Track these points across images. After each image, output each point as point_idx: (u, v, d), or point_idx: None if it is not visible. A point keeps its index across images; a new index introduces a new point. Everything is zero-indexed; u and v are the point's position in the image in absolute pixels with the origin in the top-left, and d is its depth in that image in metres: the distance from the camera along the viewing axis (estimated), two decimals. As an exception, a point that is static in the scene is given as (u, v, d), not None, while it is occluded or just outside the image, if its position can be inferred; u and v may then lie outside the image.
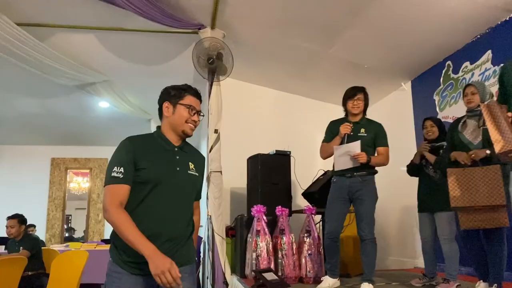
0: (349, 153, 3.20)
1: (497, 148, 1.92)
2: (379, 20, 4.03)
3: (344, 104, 3.46)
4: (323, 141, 3.55)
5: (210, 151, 4.63)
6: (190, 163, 1.91)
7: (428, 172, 3.46)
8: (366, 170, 3.25)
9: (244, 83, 5.88)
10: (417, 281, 3.55)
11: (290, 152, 4.69)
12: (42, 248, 4.97)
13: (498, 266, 2.72)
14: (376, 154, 3.37)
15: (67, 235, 9.14)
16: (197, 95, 1.95)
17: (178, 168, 1.85)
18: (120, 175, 1.73)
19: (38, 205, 8.56)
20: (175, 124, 1.89)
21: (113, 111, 6.71)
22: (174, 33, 4.67)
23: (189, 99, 1.91)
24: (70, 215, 11.00)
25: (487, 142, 2.64)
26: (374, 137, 3.33)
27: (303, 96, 6.09)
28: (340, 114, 3.64)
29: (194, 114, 1.91)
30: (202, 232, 5.69)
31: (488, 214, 2.61)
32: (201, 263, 5.67)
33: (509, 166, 2.63)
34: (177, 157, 1.87)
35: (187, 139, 1.98)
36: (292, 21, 4.36)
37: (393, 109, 5.53)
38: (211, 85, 4.72)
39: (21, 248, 4.59)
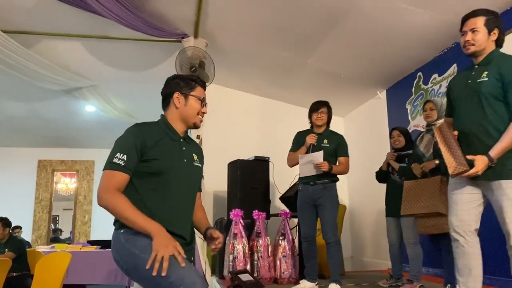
0: (312, 161, 3.42)
1: (450, 170, 2.07)
2: (355, 33, 4.23)
3: (310, 116, 3.69)
4: (290, 150, 3.80)
5: (192, 156, 4.80)
6: (194, 155, 1.89)
7: (394, 179, 3.68)
8: (328, 178, 3.47)
9: (226, 89, 6.05)
10: (384, 282, 3.76)
11: (268, 158, 4.87)
12: (28, 249, 5.10)
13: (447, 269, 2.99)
14: (337, 164, 3.59)
15: (53, 236, 9.18)
16: (204, 86, 1.93)
17: (185, 160, 1.82)
18: (122, 163, 1.68)
19: (25, 206, 8.61)
20: (187, 116, 1.86)
21: (100, 114, 6.82)
22: (158, 41, 4.83)
23: (199, 91, 1.89)
24: (58, 216, 11.04)
25: (436, 153, 2.87)
26: (336, 147, 3.56)
27: (283, 102, 6.28)
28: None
29: (203, 106, 1.89)
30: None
31: (436, 220, 2.84)
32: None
33: None
34: (184, 148, 1.84)
35: None
36: (272, 32, 4.54)
37: (370, 116, 5.76)
38: (193, 92, 4.88)
39: (6, 250, 4.72)
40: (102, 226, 8.50)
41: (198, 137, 4.90)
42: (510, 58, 2.17)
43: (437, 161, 2.91)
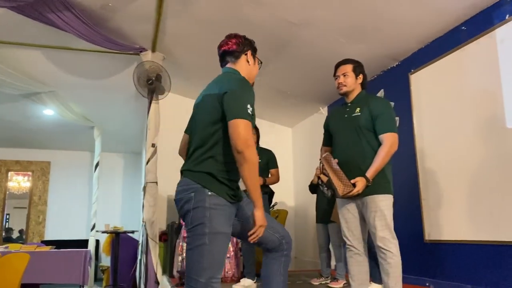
0: None
1: (340, 192, 2.47)
2: (298, 58, 4.72)
3: None
4: None
5: (147, 163, 5.13)
6: None
7: (323, 190, 4.19)
8: (262, 190, 3.89)
9: (184, 98, 6.39)
10: (315, 280, 4.27)
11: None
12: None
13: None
14: (270, 176, 4.14)
15: (6, 235, 9.15)
16: None
17: None
18: (251, 114, 1.84)
19: (-22, 206, 8.58)
20: (252, 75, 2.12)
21: (58, 118, 6.98)
22: (117, 53, 5.11)
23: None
24: (8, 214, 10.91)
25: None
26: (267, 162, 4.09)
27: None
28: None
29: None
30: (137, 236, 6.17)
31: None
32: (136, 264, 6.14)
33: None
34: None
35: None
36: (225, 51, 4.94)
37: (313, 129, 6.30)
38: (150, 103, 5.21)
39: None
40: (56, 226, 8.64)
41: (153, 145, 5.23)
42: (375, 98, 2.78)
43: None
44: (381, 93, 4.71)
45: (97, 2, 4.20)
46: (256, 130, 4.16)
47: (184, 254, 4.32)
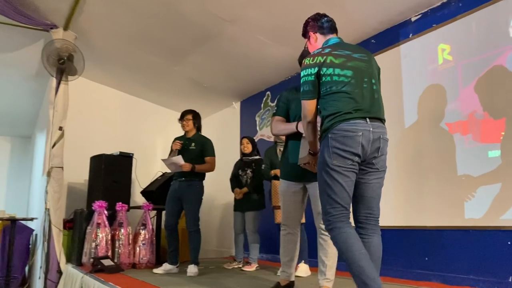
0: (174, 163, 3.95)
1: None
2: (220, 52, 4.88)
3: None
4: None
5: (53, 147, 4.85)
6: None
7: (242, 180, 4.45)
8: (192, 176, 4.02)
9: (93, 83, 6.15)
10: (228, 265, 4.52)
11: (133, 154, 5.20)
12: None
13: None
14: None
15: None
16: None
17: None
18: None
19: None
20: None
21: None
22: (24, 27, 4.73)
23: None
24: None
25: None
26: (202, 149, 4.10)
27: (150, 102, 6.66)
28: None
29: None
30: (34, 225, 5.78)
31: None
32: (31, 254, 5.75)
33: None
34: None
35: None
36: (144, 38, 4.89)
37: (225, 122, 6.55)
38: (58, 84, 4.93)
39: None
40: None
41: (60, 128, 4.96)
42: None
43: None
44: (293, 93, 5.13)
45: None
46: (194, 116, 4.21)
47: (98, 241, 4.23)
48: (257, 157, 4.50)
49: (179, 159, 3.94)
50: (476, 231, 3.09)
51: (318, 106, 2.16)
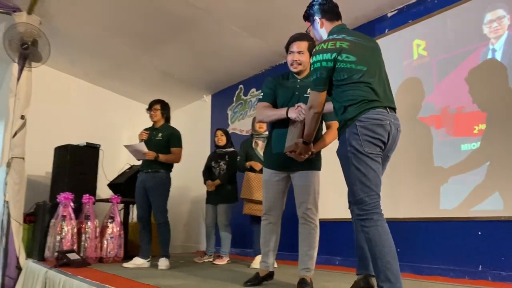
0: (138, 151, 3.85)
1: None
2: (194, 43, 4.79)
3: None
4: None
5: (13, 136, 4.59)
6: None
7: (215, 172, 4.38)
8: (158, 167, 3.91)
9: (56, 72, 5.86)
10: (199, 259, 4.44)
11: (100, 145, 5.01)
12: None
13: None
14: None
15: None
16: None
17: None
18: None
19: None
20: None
21: None
22: (-18, 9, 4.46)
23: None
24: None
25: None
26: (168, 140, 4.00)
27: (116, 93, 6.43)
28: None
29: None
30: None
31: (260, 206, 3.56)
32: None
33: None
34: None
35: None
36: (114, 26, 4.71)
37: (195, 116, 6.44)
38: (21, 70, 4.67)
39: None
40: None
41: (22, 117, 4.70)
42: None
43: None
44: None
45: None
46: (162, 106, 4.12)
47: (64, 234, 4.04)
48: (231, 149, 4.44)
49: (142, 146, 3.84)
50: (448, 222, 3.18)
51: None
